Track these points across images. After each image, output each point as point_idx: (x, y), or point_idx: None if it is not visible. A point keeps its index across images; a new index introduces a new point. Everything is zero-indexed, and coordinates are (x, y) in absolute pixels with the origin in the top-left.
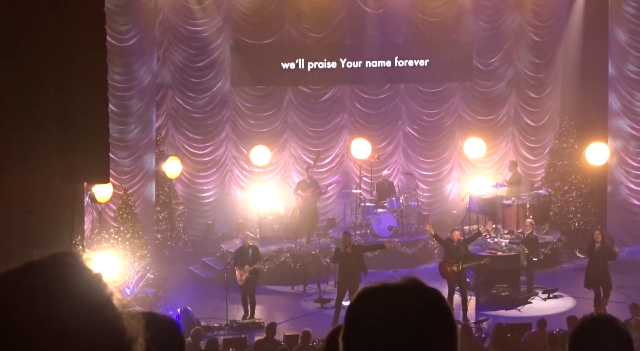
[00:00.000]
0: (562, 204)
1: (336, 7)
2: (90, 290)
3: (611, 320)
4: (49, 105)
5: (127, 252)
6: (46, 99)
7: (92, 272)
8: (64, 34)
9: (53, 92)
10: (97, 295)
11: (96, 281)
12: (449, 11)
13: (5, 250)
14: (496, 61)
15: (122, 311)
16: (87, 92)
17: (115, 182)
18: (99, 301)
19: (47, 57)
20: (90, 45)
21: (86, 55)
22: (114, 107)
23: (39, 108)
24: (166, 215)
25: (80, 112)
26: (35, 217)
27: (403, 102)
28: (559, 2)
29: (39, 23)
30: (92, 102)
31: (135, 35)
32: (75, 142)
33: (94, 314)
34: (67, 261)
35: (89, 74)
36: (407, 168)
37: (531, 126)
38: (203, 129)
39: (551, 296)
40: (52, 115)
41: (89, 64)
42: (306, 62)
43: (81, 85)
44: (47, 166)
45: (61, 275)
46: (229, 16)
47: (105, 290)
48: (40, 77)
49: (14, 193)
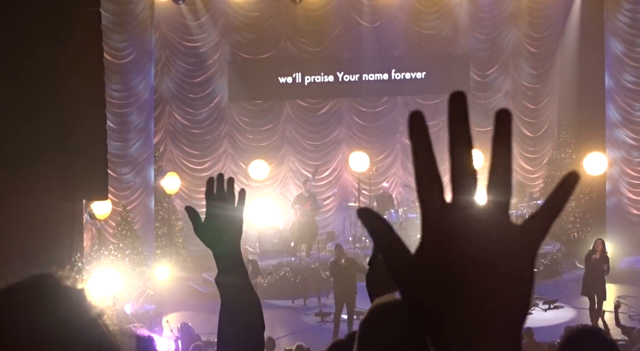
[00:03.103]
0: (561, 214)
1: (332, 21)
2: (74, 310)
3: (597, 331)
4: (47, 124)
5: (126, 268)
6: (44, 118)
7: (75, 292)
8: (62, 53)
9: (51, 111)
10: (83, 314)
11: (80, 301)
12: (444, 24)
13: (7, 267)
14: (493, 72)
15: (113, 329)
16: (85, 110)
17: (114, 198)
18: (86, 320)
19: (45, 77)
20: (87, 63)
21: (84, 73)
22: (113, 124)
23: (37, 126)
24: (165, 231)
25: (78, 130)
26: (35, 235)
27: (401, 115)
28: (555, 14)
29: (37, 42)
30: (90, 120)
31: (132, 51)
32: (74, 159)
33: (81, 334)
34: (46, 282)
35: (87, 92)
36: (405, 181)
37: (529, 137)
38: (201, 144)
39: (552, 307)
40: (50, 134)
41: (87, 82)
42: (303, 76)
43: (79, 104)
44: (45, 184)
45: (41, 298)
46: (225, 31)
47: (91, 308)
48: (38, 97)
49: (14, 211)
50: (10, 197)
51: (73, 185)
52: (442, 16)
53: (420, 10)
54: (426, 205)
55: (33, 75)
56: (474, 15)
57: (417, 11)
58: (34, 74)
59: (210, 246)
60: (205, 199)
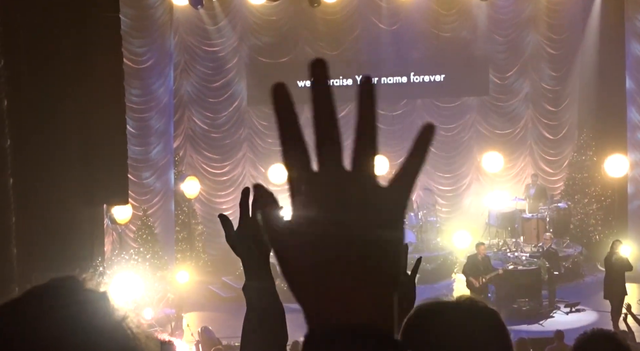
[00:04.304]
0: (583, 217)
1: (351, 25)
2: (97, 313)
3: (611, 335)
4: (68, 129)
5: (147, 272)
6: (65, 124)
7: (98, 294)
8: (82, 58)
9: (72, 117)
10: (106, 317)
11: (104, 304)
12: (463, 26)
13: (30, 272)
14: (512, 75)
15: (137, 332)
16: (105, 115)
17: (135, 202)
18: (110, 323)
19: (65, 82)
20: (107, 68)
21: (104, 78)
22: (133, 129)
23: (58, 133)
24: (185, 235)
25: (99, 135)
26: (57, 240)
27: (420, 118)
28: (575, 15)
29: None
30: (110, 125)
31: (152, 56)
32: (95, 165)
33: (105, 336)
34: (70, 285)
35: (107, 97)
36: (425, 184)
37: (549, 139)
38: (221, 149)
39: (573, 310)
40: (71, 140)
41: (107, 87)
42: None
43: (99, 109)
44: (67, 189)
45: (65, 300)
46: (244, 35)
47: (115, 312)
48: (59, 103)
49: (36, 217)
50: (32, 202)
51: (94, 190)
52: (461, 18)
53: (438, 12)
54: (293, 173)
55: (54, 82)
56: (493, 17)
57: (435, 14)
58: (54, 80)
59: (241, 254)
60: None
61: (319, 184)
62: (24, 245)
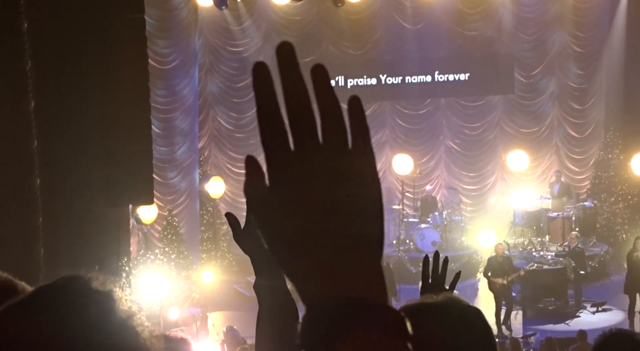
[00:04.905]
0: (609, 216)
1: (375, 24)
2: (103, 312)
3: (631, 334)
4: (93, 130)
5: (172, 272)
6: (90, 125)
7: (104, 293)
8: (107, 59)
9: (97, 117)
10: (112, 316)
11: (110, 303)
12: (488, 25)
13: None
14: (538, 73)
15: (142, 331)
16: (130, 116)
17: (160, 202)
18: (115, 322)
19: (90, 83)
20: (132, 69)
21: (129, 79)
22: (158, 129)
23: (83, 133)
24: (210, 235)
25: (124, 136)
26: (82, 241)
27: (444, 117)
28: (601, 12)
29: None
30: (135, 126)
31: (177, 57)
32: (120, 165)
33: (109, 335)
34: (76, 284)
35: (132, 98)
36: (449, 183)
37: (575, 138)
38: (245, 148)
39: (600, 310)
40: (96, 140)
41: (132, 88)
42: (346, 79)
43: (124, 110)
44: (92, 190)
45: (71, 299)
46: (268, 36)
47: (120, 311)
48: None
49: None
50: (57, 203)
51: (119, 190)
52: (486, 17)
53: (463, 11)
54: (271, 153)
55: (80, 83)
56: (518, 15)
57: (460, 12)
58: (80, 82)
59: (249, 252)
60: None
61: (295, 160)
62: (50, 245)
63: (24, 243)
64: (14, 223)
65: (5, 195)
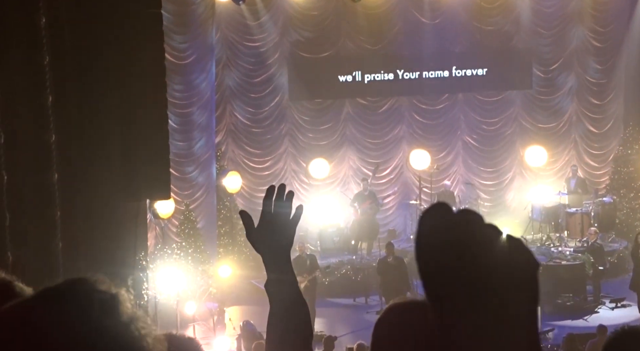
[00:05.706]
0: (628, 211)
1: (392, 19)
2: (106, 315)
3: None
4: (110, 125)
5: (189, 267)
6: (107, 120)
7: (108, 296)
8: (124, 55)
9: (114, 113)
10: (115, 319)
11: (113, 306)
12: (506, 19)
13: (73, 268)
14: (556, 68)
15: (145, 334)
16: (147, 111)
17: (177, 197)
18: (117, 325)
19: (107, 79)
20: (149, 64)
21: (146, 74)
22: (176, 124)
23: (100, 128)
24: (228, 229)
25: (141, 130)
26: (100, 236)
27: (462, 112)
28: (620, 7)
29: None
30: (152, 120)
31: (194, 52)
32: (137, 160)
33: (111, 338)
34: (81, 287)
35: (149, 93)
36: (467, 178)
37: (594, 133)
38: (262, 143)
39: (619, 306)
40: (114, 135)
41: (149, 83)
42: (363, 75)
43: (141, 105)
44: (109, 185)
45: (74, 302)
46: (285, 31)
47: (123, 314)
48: (101, 99)
49: (78, 213)
50: (74, 198)
51: (136, 185)
52: (504, 11)
53: (481, 5)
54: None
55: (97, 78)
56: (536, 10)
57: (477, 7)
58: (98, 77)
59: (260, 250)
60: (263, 203)
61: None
62: (68, 239)
63: (42, 237)
64: (32, 218)
65: (24, 190)
